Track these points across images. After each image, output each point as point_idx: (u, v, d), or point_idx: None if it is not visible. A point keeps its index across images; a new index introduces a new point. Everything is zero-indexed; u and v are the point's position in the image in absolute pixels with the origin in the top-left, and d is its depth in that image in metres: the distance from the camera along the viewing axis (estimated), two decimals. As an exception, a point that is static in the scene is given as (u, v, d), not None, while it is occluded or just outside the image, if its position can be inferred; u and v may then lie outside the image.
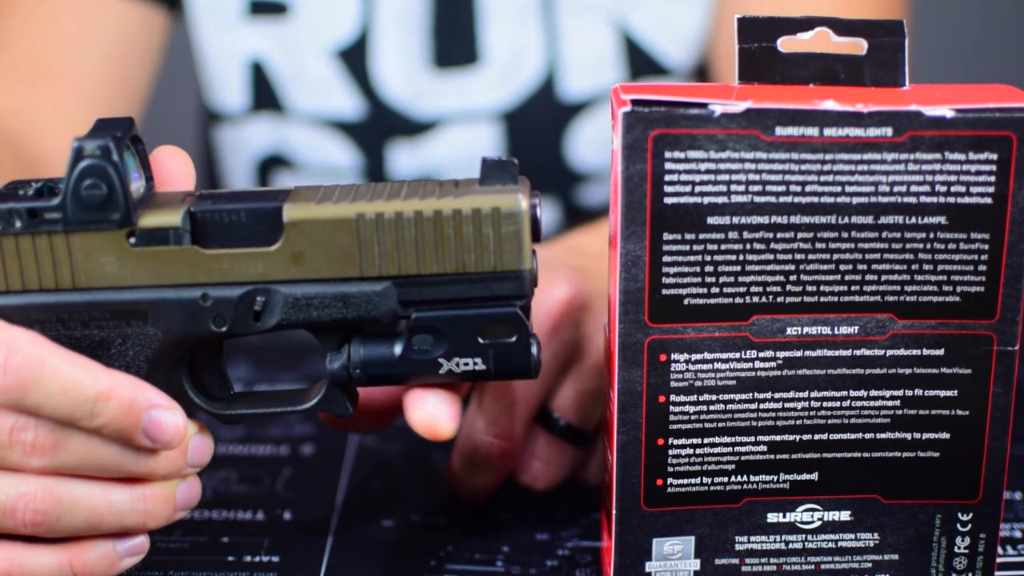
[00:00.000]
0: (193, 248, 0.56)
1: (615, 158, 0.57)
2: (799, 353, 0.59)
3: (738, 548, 0.62)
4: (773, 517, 0.62)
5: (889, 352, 0.59)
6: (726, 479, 0.61)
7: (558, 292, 0.69)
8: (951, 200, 0.57)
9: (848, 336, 0.59)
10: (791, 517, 0.62)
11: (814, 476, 0.61)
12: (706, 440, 0.60)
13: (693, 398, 0.60)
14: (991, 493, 0.61)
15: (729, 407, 0.60)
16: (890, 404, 0.60)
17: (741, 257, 0.58)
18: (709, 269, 0.58)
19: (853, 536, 0.62)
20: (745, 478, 0.61)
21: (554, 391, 0.70)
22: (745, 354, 0.59)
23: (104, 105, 0.98)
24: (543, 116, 1.01)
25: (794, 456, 0.61)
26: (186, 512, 0.57)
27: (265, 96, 1.01)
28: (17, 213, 0.55)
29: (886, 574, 0.63)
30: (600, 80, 1.01)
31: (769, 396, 0.60)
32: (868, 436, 0.61)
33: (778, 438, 0.61)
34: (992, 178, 0.57)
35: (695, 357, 0.59)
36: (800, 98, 0.56)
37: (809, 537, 0.62)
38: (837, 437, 0.61)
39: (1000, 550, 0.68)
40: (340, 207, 0.55)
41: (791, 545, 0.62)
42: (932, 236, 0.58)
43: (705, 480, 0.61)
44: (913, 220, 0.57)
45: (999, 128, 0.56)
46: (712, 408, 0.60)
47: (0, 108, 0.93)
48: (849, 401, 0.60)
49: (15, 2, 0.96)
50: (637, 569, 0.62)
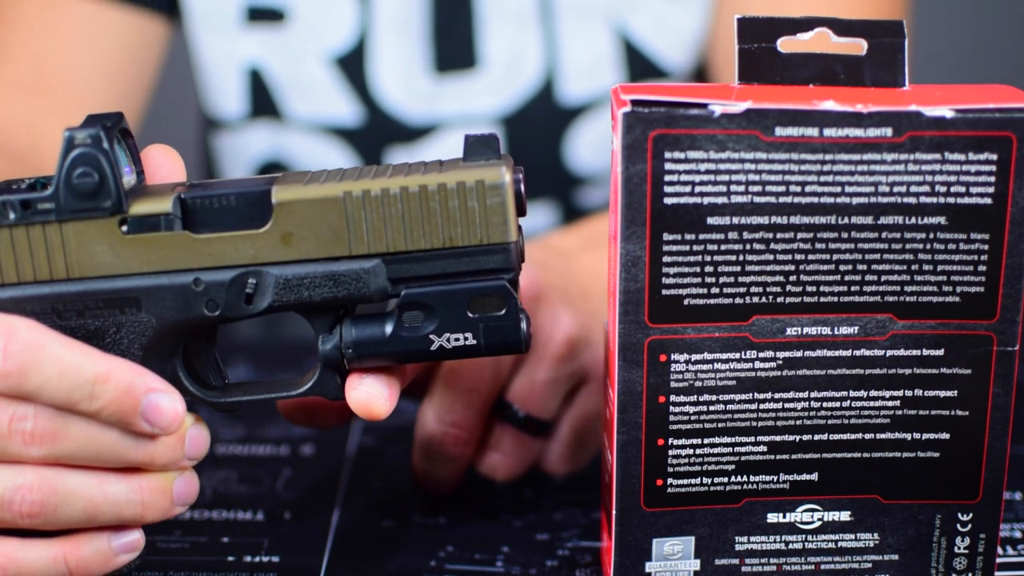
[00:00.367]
0: (184, 233, 0.56)
1: (615, 158, 0.57)
2: (799, 353, 0.59)
3: (738, 548, 0.62)
4: (773, 517, 0.62)
5: (889, 352, 0.60)
6: (726, 479, 0.61)
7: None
8: (951, 200, 0.57)
9: (848, 336, 0.59)
10: (791, 517, 0.62)
11: (814, 476, 0.61)
12: (706, 440, 0.60)
13: (693, 398, 0.60)
14: (991, 493, 0.61)
15: (729, 407, 0.60)
16: (890, 404, 0.60)
17: (741, 257, 0.58)
18: (709, 269, 0.58)
19: (853, 536, 0.62)
20: (745, 478, 0.61)
21: (509, 381, 0.71)
22: (745, 354, 0.59)
23: None
24: (542, 120, 1.01)
25: (794, 456, 0.61)
26: (184, 508, 0.57)
27: (263, 103, 1.01)
28: (11, 205, 0.55)
29: (886, 574, 0.63)
30: (599, 83, 1.01)
31: (769, 396, 0.60)
32: (868, 436, 0.61)
33: (778, 438, 0.61)
34: (992, 178, 0.57)
35: (695, 357, 0.59)
36: (800, 98, 0.56)
37: (809, 537, 0.62)
38: (837, 437, 0.61)
39: (1000, 550, 0.68)
40: (327, 187, 0.56)
41: (791, 545, 0.62)
42: (932, 236, 0.58)
43: (705, 480, 0.61)
44: (913, 220, 0.57)
45: (999, 128, 0.56)
46: (712, 408, 0.60)
47: (0, 117, 0.93)
48: (849, 401, 0.60)
49: (15, 12, 0.96)
50: (637, 569, 0.62)
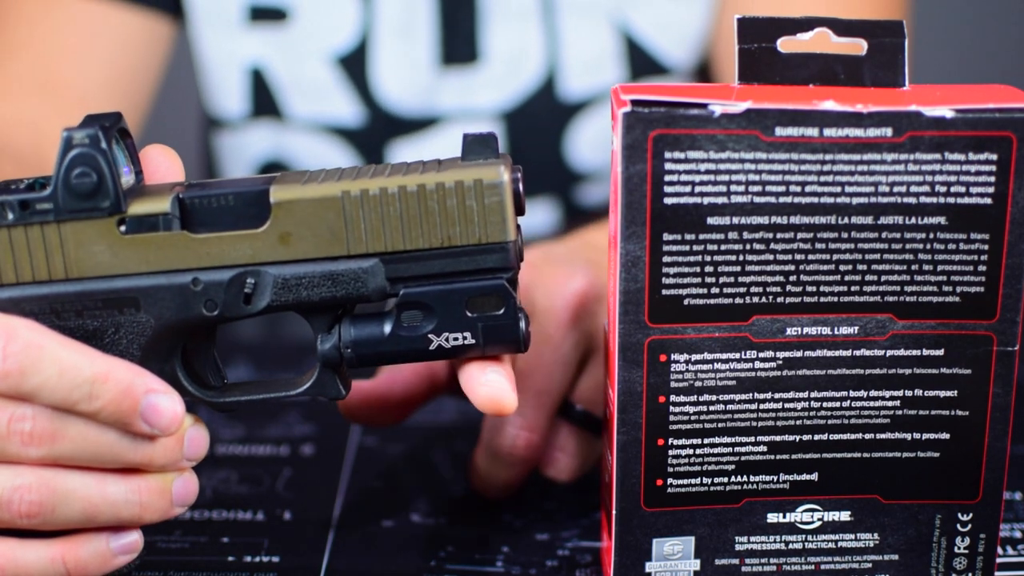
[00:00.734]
0: (183, 233, 0.56)
1: (615, 158, 0.57)
2: (799, 353, 0.59)
3: (738, 548, 0.62)
4: (773, 517, 0.62)
5: (889, 352, 0.59)
6: (726, 479, 0.61)
7: (575, 284, 0.70)
8: (951, 200, 0.57)
9: (848, 336, 0.59)
10: (791, 517, 0.62)
11: (814, 476, 0.61)
12: (706, 440, 0.60)
13: (693, 398, 0.60)
14: (991, 493, 0.61)
15: (729, 407, 0.60)
16: (890, 404, 0.60)
17: (741, 257, 0.58)
18: (709, 269, 0.58)
19: (853, 536, 0.62)
20: (745, 478, 0.61)
21: (575, 382, 0.71)
22: (745, 354, 0.59)
23: None
24: (543, 116, 1.01)
25: (794, 456, 0.61)
26: (183, 509, 0.57)
27: (265, 103, 1.01)
28: (9, 205, 0.55)
29: (886, 574, 0.63)
30: (600, 80, 1.01)
31: (769, 396, 0.60)
32: (868, 436, 0.61)
33: (778, 438, 0.61)
34: (992, 178, 0.57)
35: (695, 357, 0.59)
36: (800, 98, 0.56)
37: (809, 537, 0.62)
38: (837, 437, 0.61)
39: (1000, 550, 0.68)
40: (325, 186, 0.56)
41: (791, 545, 0.62)
42: (932, 236, 0.58)
43: (705, 480, 0.61)
44: (913, 220, 0.57)
45: (999, 128, 0.56)
46: (712, 408, 0.60)
47: (4, 117, 0.93)
48: (849, 401, 0.60)
49: (19, 12, 0.96)
50: (637, 569, 0.62)
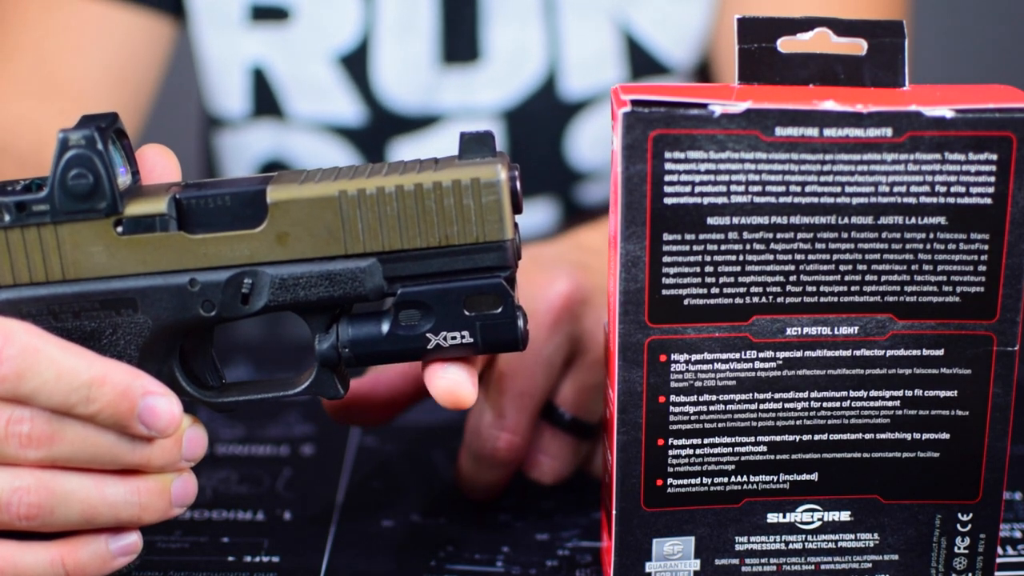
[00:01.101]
0: (180, 234, 0.56)
1: (615, 158, 0.57)
2: (799, 353, 0.59)
3: (738, 548, 0.62)
4: (773, 517, 0.62)
5: (889, 352, 0.59)
6: (726, 479, 0.61)
7: (558, 286, 0.70)
8: (951, 200, 0.57)
9: (848, 336, 0.59)
10: (791, 517, 0.62)
11: (814, 476, 0.61)
12: (706, 440, 0.60)
13: (693, 398, 0.60)
14: (991, 493, 0.61)
15: (729, 407, 0.60)
16: (890, 404, 0.60)
17: (741, 257, 0.58)
18: (709, 269, 0.58)
19: (853, 536, 0.62)
20: (745, 478, 0.61)
21: (558, 385, 0.71)
22: (745, 354, 0.59)
23: None
24: (544, 115, 1.01)
25: (794, 456, 0.61)
26: (183, 509, 0.57)
27: (266, 102, 1.01)
28: (5, 207, 0.55)
29: (886, 574, 0.63)
30: (601, 79, 1.01)
31: (769, 396, 0.60)
32: (868, 436, 0.61)
33: (778, 438, 0.61)
34: (992, 178, 0.57)
35: (695, 357, 0.59)
36: (800, 98, 0.56)
37: (809, 537, 0.62)
38: (837, 437, 0.61)
39: (1000, 550, 0.68)
40: (322, 186, 0.56)
41: (791, 545, 0.62)
42: (932, 236, 0.58)
43: (705, 480, 0.61)
44: (913, 220, 0.57)
45: (999, 128, 0.56)
46: (712, 408, 0.60)
47: (5, 118, 0.93)
48: (849, 401, 0.60)
49: (22, 13, 0.96)
50: (637, 569, 0.62)
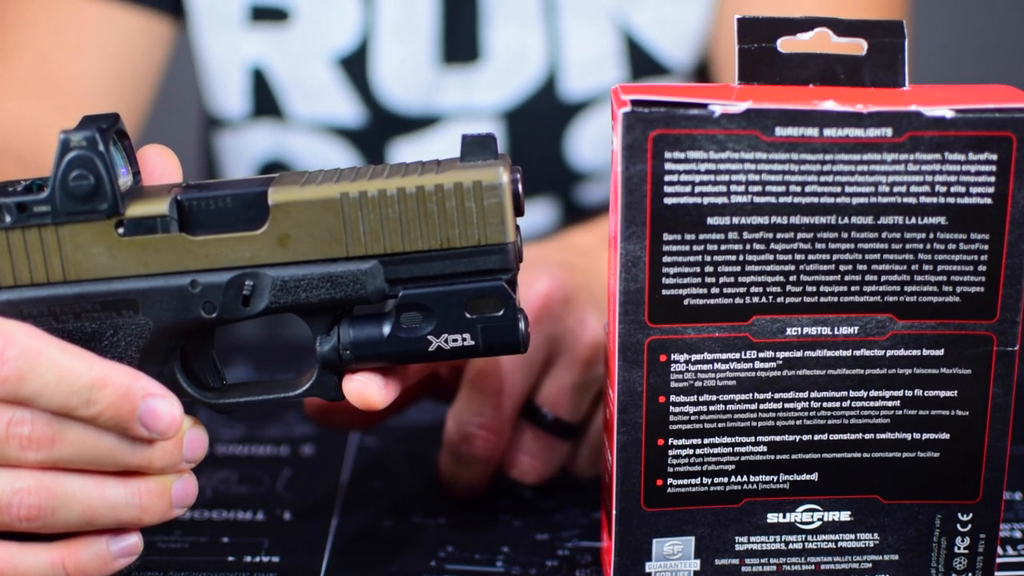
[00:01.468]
0: (181, 235, 0.56)
1: (615, 158, 0.57)
2: (799, 353, 0.59)
3: (738, 548, 0.62)
4: (773, 517, 0.62)
5: (889, 352, 0.59)
6: (726, 479, 0.61)
7: (538, 286, 0.70)
8: (951, 200, 0.57)
9: (848, 336, 0.59)
10: (791, 517, 0.62)
11: (814, 476, 0.61)
12: (706, 440, 0.60)
13: (693, 398, 0.60)
14: (991, 493, 0.61)
15: (729, 407, 0.60)
16: (890, 404, 0.60)
17: (741, 257, 0.58)
18: (709, 269, 0.58)
19: (853, 536, 0.62)
20: (745, 478, 0.61)
21: (539, 385, 0.71)
22: (745, 354, 0.59)
23: None
24: (544, 115, 1.01)
25: (794, 456, 0.61)
26: (183, 510, 0.57)
27: (266, 103, 1.01)
28: (6, 208, 0.55)
29: (886, 574, 0.63)
30: (601, 80, 1.01)
31: (769, 396, 0.60)
32: (868, 436, 0.61)
33: (778, 438, 0.61)
34: (992, 178, 0.57)
35: (695, 357, 0.59)
36: (800, 98, 0.56)
37: (809, 537, 0.62)
38: (837, 437, 0.61)
39: (1000, 550, 0.68)
40: (324, 188, 0.56)
41: (791, 545, 0.62)
42: (932, 236, 0.58)
43: (705, 480, 0.61)
44: (913, 220, 0.57)
45: (999, 128, 0.56)
46: (712, 408, 0.60)
47: (5, 118, 0.93)
48: (849, 401, 0.60)
49: (22, 13, 0.96)
50: (637, 569, 0.62)
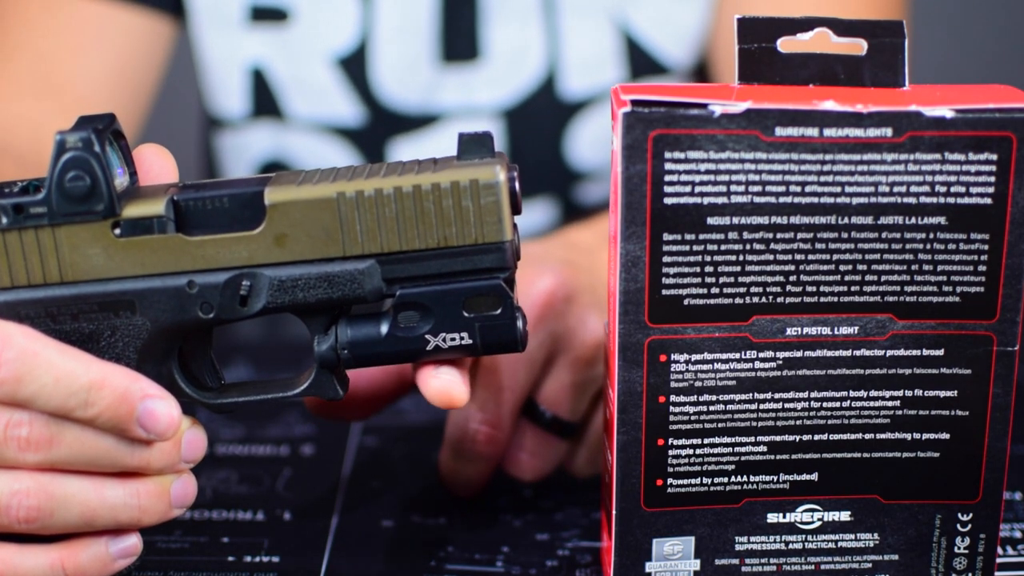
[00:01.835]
0: (177, 236, 0.56)
1: (615, 158, 0.57)
2: (799, 353, 0.59)
3: (738, 548, 0.62)
4: (773, 517, 0.62)
5: (889, 352, 0.59)
6: (726, 479, 0.61)
7: (541, 284, 0.70)
8: (951, 200, 0.57)
9: (848, 336, 0.59)
10: (791, 517, 0.62)
11: (814, 476, 0.61)
12: (706, 440, 0.60)
13: (693, 398, 0.60)
14: (991, 493, 0.61)
15: (729, 407, 0.60)
16: (890, 404, 0.60)
17: (741, 257, 0.58)
18: (709, 269, 0.58)
19: (853, 536, 0.62)
20: (745, 478, 0.61)
21: (540, 383, 0.71)
22: (745, 354, 0.59)
23: None
24: (543, 114, 1.01)
25: (794, 456, 0.61)
26: (182, 510, 0.57)
27: (265, 103, 1.01)
28: (3, 209, 0.55)
29: (886, 574, 0.63)
30: (600, 79, 1.01)
31: (769, 396, 0.60)
32: (868, 436, 0.61)
33: (778, 438, 0.61)
34: (992, 178, 0.57)
35: (695, 357, 0.59)
36: (800, 98, 0.56)
37: (809, 537, 0.62)
38: (837, 437, 0.61)
39: (1000, 550, 0.68)
40: (320, 187, 0.56)
41: (791, 545, 0.62)
42: (932, 236, 0.58)
43: (705, 480, 0.61)
44: (913, 220, 0.57)
45: (999, 128, 0.56)
46: (712, 408, 0.60)
47: (5, 118, 0.93)
48: (849, 401, 0.60)
49: (22, 13, 0.96)
50: (637, 569, 0.62)
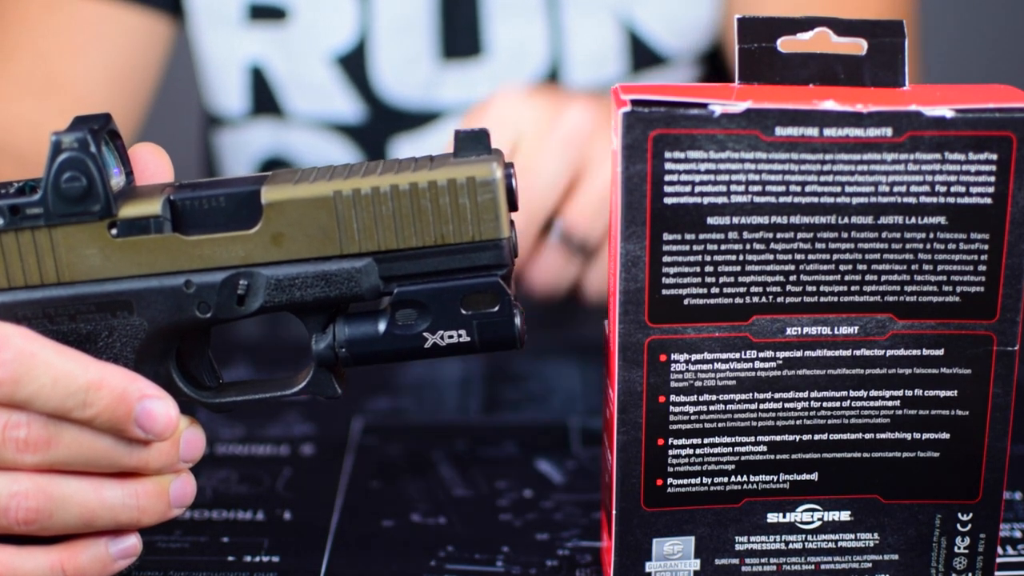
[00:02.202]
0: (174, 236, 0.56)
1: (615, 158, 0.57)
2: (799, 353, 0.59)
3: (738, 548, 0.62)
4: (773, 517, 0.62)
5: (889, 352, 0.59)
6: (726, 479, 0.61)
7: (571, 114, 0.75)
8: (951, 200, 0.57)
9: (848, 336, 0.59)
10: (791, 517, 0.62)
11: (814, 476, 0.61)
12: (706, 440, 0.60)
13: (693, 398, 0.60)
14: (991, 493, 0.61)
15: (729, 407, 0.60)
16: (890, 404, 0.60)
17: (741, 257, 0.58)
18: (709, 269, 0.58)
19: (853, 536, 0.62)
20: (745, 478, 0.61)
21: (561, 205, 0.76)
22: (745, 354, 0.59)
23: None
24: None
25: (794, 456, 0.61)
26: (181, 510, 0.57)
27: (265, 100, 1.01)
28: None
29: (886, 574, 0.63)
30: (603, 74, 1.01)
31: (769, 396, 0.60)
32: (868, 436, 0.61)
33: (778, 438, 0.60)
34: (992, 178, 0.57)
35: (695, 357, 0.59)
36: (800, 98, 0.56)
37: (809, 537, 0.62)
38: (837, 437, 0.61)
39: (1000, 550, 0.68)
40: (317, 186, 0.56)
41: (791, 545, 0.62)
42: (932, 236, 0.58)
43: (705, 480, 0.61)
44: (913, 220, 0.57)
45: (999, 128, 0.56)
46: (712, 408, 0.60)
47: (5, 118, 0.93)
48: (849, 401, 0.60)
49: (22, 13, 0.96)
50: (637, 569, 0.62)
